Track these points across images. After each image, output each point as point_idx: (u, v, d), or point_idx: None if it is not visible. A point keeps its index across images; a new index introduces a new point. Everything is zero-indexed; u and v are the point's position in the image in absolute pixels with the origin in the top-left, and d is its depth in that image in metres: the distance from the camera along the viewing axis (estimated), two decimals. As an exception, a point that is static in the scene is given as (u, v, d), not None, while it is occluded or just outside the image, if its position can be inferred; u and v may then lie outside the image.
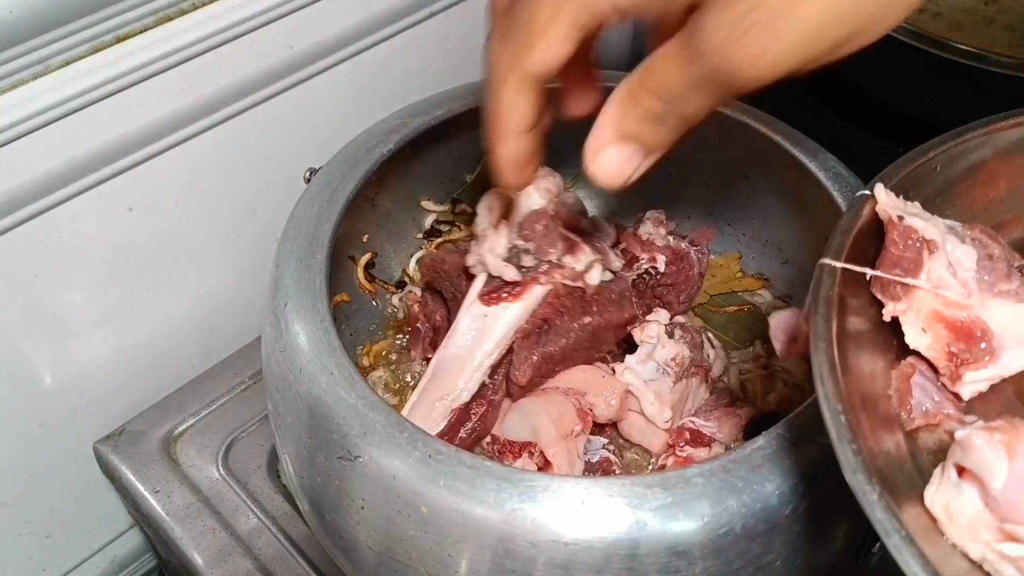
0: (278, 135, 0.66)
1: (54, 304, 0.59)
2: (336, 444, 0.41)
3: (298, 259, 0.48)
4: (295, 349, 0.45)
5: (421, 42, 0.71)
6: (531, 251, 0.53)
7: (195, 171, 0.62)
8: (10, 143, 0.51)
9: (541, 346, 0.52)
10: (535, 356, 0.52)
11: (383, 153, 0.54)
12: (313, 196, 0.52)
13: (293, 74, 0.64)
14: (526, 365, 0.52)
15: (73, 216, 0.57)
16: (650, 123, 0.35)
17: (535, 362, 0.52)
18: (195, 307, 0.68)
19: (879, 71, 0.75)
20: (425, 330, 0.58)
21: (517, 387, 0.52)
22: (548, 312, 0.53)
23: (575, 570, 0.38)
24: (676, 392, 0.52)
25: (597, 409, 0.52)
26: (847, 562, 0.43)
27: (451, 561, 0.39)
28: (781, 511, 0.38)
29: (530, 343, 0.52)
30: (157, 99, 0.57)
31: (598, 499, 0.37)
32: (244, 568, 0.58)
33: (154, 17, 0.55)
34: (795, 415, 0.40)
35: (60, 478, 0.66)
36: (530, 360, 0.52)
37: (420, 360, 0.58)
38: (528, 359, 0.52)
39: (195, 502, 0.61)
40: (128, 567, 0.75)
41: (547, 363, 0.52)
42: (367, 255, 0.61)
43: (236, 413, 0.67)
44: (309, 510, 0.47)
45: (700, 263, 0.60)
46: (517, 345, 0.52)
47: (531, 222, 0.53)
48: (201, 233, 0.65)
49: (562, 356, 0.53)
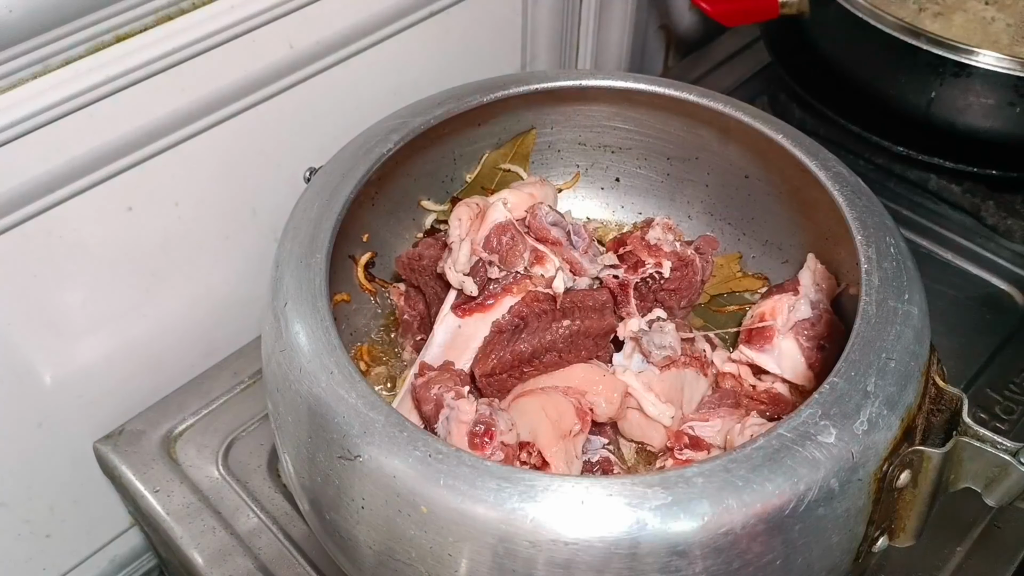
0: (278, 135, 0.66)
1: (54, 304, 0.59)
2: (336, 444, 0.41)
3: (298, 259, 0.48)
4: (295, 349, 0.45)
5: (421, 42, 0.71)
6: (496, 263, 0.53)
7: (195, 171, 0.62)
8: (10, 143, 0.51)
9: (512, 343, 0.53)
10: (503, 352, 0.52)
11: (383, 153, 0.54)
12: (313, 196, 0.52)
13: (293, 74, 0.64)
14: (492, 357, 0.52)
15: (73, 216, 0.57)
16: None
17: (502, 356, 0.52)
18: (195, 307, 0.68)
19: (879, 71, 0.75)
20: (412, 317, 0.59)
21: (482, 379, 0.53)
22: (525, 311, 0.53)
23: (575, 570, 0.38)
24: (667, 380, 0.52)
25: (597, 408, 0.52)
26: (847, 562, 0.43)
27: (451, 561, 0.39)
28: (781, 511, 0.38)
29: (502, 339, 0.53)
30: (157, 99, 0.57)
31: (598, 499, 0.37)
32: (244, 568, 0.58)
33: (154, 16, 0.55)
34: (795, 415, 0.40)
35: (60, 478, 0.66)
36: (497, 354, 0.52)
37: (411, 350, 0.59)
38: (494, 352, 0.52)
39: (195, 502, 0.61)
40: (128, 567, 0.75)
41: (516, 360, 0.53)
42: (367, 255, 0.61)
43: (236, 413, 0.67)
44: (309, 510, 0.47)
45: (704, 271, 0.60)
46: (487, 339, 0.53)
47: (497, 234, 0.54)
48: (201, 233, 0.65)
49: (532, 355, 0.53)
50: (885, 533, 0.45)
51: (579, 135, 0.66)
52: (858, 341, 0.43)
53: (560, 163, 0.68)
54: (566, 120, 0.65)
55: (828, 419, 0.40)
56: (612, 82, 0.60)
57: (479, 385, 0.53)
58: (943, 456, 0.42)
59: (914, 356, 0.44)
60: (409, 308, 0.60)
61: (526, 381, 0.54)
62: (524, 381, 0.54)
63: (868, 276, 0.46)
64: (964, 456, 0.43)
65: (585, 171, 0.68)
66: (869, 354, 0.43)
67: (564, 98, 0.63)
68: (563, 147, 0.67)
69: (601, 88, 0.60)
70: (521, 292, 0.54)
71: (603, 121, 0.64)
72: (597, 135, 0.65)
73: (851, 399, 0.41)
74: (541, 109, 0.64)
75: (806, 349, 0.53)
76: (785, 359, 0.53)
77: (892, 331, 0.44)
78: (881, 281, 0.46)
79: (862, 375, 0.42)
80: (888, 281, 0.46)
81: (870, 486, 0.41)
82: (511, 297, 0.54)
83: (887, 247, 0.48)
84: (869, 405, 0.41)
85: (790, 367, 0.53)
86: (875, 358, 0.42)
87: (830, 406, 0.41)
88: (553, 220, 0.57)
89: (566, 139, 0.66)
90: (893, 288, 0.46)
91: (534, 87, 0.60)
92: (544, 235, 0.56)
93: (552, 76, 0.61)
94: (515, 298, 0.54)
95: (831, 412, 0.40)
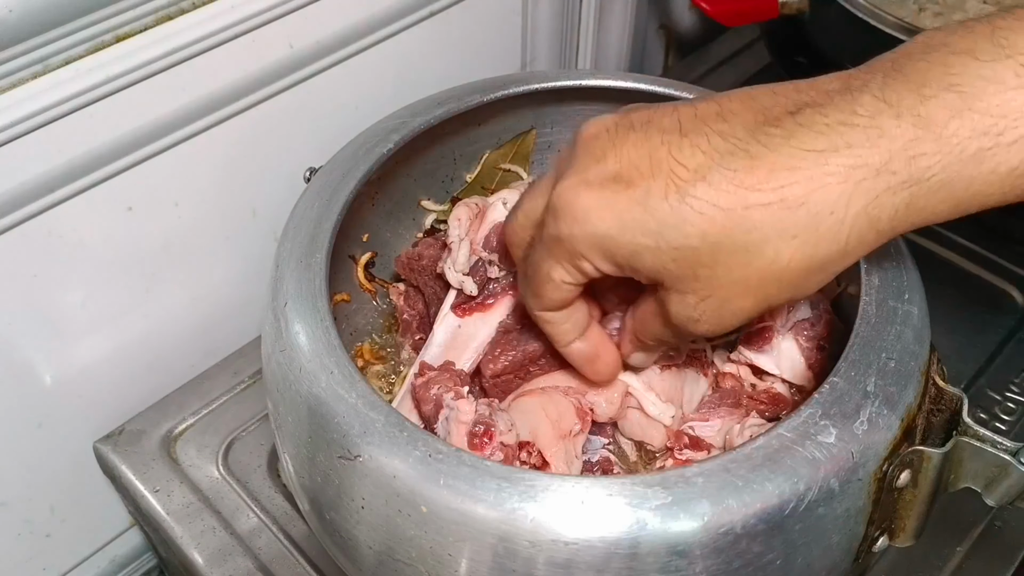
0: (278, 135, 0.66)
1: (54, 304, 0.59)
2: (336, 443, 0.41)
3: (298, 259, 0.48)
4: (295, 349, 0.45)
5: (421, 42, 0.71)
6: (496, 263, 0.53)
7: (195, 171, 0.62)
8: (10, 143, 0.51)
9: (522, 343, 0.53)
10: (514, 352, 0.52)
11: (383, 153, 0.54)
12: (313, 196, 0.52)
13: (293, 74, 0.64)
14: (503, 358, 0.52)
15: (73, 216, 0.57)
16: (651, 350, 0.49)
17: (513, 357, 0.52)
18: (195, 307, 0.68)
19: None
20: (412, 317, 0.59)
21: (491, 379, 0.53)
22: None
23: (575, 569, 0.38)
24: (667, 380, 0.52)
25: (598, 408, 0.52)
26: (847, 562, 0.43)
27: (451, 560, 0.39)
28: (781, 511, 0.38)
29: (510, 339, 0.53)
30: (157, 99, 0.57)
31: (598, 498, 0.37)
32: (244, 567, 0.58)
33: (154, 16, 0.55)
34: (795, 415, 0.40)
35: (60, 478, 0.66)
36: (506, 354, 0.52)
37: (410, 350, 0.59)
38: (504, 353, 0.52)
39: (195, 501, 0.61)
40: (128, 566, 0.75)
41: (526, 359, 0.53)
42: (367, 255, 0.61)
43: (236, 413, 0.67)
44: (309, 509, 0.47)
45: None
46: (495, 339, 0.53)
47: (497, 234, 0.54)
48: (201, 233, 0.65)
49: (542, 354, 0.53)
50: (885, 533, 0.45)
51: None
52: (858, 341, 0.43)
53: (559, 163, 0.68)
54: (566, 120, 0.65)
55: (828, 419, 0.40)
56: (612, 82, 0.60)
57: (486, 386, 0.53)
58: (943, 456, 0.42)
59: (914, 356, 0.44)
60: (409, 308, 0.60)
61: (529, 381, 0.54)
62: (528, 381, 0.54)
63: (868, 276, 0.46)
64: (964, 456, 0.43)
65: (585, 171, 0.68)
66: (869, 354, 0.43)
67: (564, 98, 0.63)
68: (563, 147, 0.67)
69: (601, 88, 0.60)
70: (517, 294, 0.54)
71: (603, 121, 0.64)
72: (597, 135, 0.65)
73: (851, 399, 0.41)
74: (541, 109, 0.64)
75: (806, 349, 0.53)
76: (784, 359, 0.53)
77: (892, 331, 0.44)
78: (881, 281, 0.46)
79: (862, 375, 0.42)
80: (888, 281, 0.46)
81: (870, 486, 0.41)
82: (511, 297, 0.54)
83: (887, 247, 0.48)
84: (869, 405, 0.41)
85: (789, 367, 0.53)
86: (875, 358, 0.42)
87: (830, 406, 0.41)
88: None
89: (566, 139, 0.66)
90: (893, 288, 0.46)
91: (534, 87, 0.60)
92: (544, 235, 0.56)
93: (552, 76, 0.61)
94: (515, 298, 0.54)
95: (831, 412, 0.40)
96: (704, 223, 0.36)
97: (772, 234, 0.36)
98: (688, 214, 0.36)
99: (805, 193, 0.35)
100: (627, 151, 0.39)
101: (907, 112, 0.34)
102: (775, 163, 0.35)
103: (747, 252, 0.36)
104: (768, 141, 0.36)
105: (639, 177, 0.38)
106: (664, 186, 0.37)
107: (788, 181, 0.35)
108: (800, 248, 0.36)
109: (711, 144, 0.37)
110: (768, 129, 0.36)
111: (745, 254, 0.36)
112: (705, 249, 0.37)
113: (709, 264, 0.37)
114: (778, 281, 0.37)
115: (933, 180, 0.35)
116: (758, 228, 0.36)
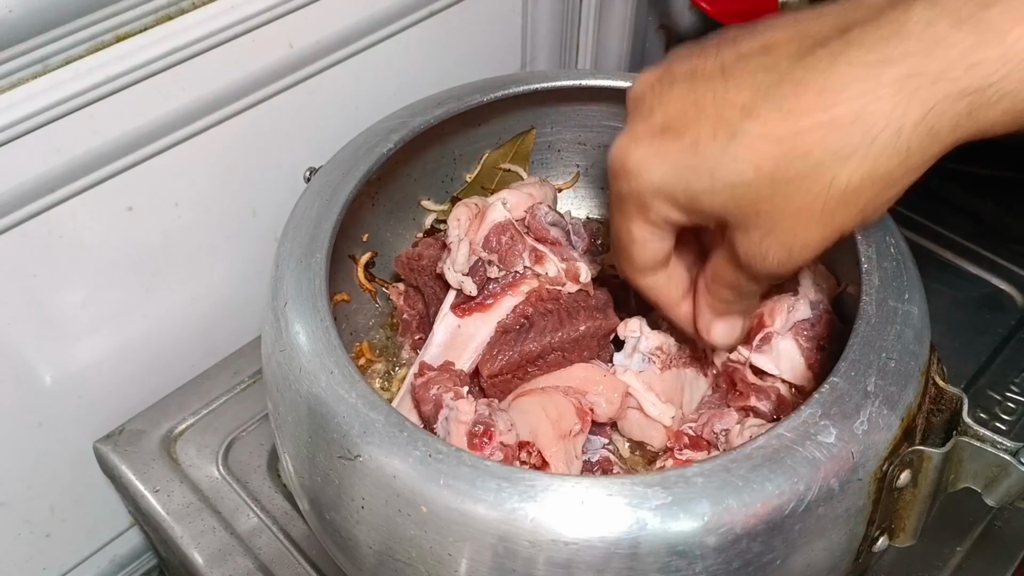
0: (278, 135, 0.66)
1: (54, 304, 0.59)
2: (336, 443, 0.41)
3: (298, 259, 0.48)
4: (295, 349, 0.45)
5: (421, 42, 0.71)
6: (495, 263, 0.53)
7: (195, 171, 0.62)
8: (10, 143, 0.51)
9: (520, 344, 0.53)
10: (511, 352, 0.52)
11: (383, 153, 0.54)
12: (313, 196, 0.52)
13: (293, 74, 0.64)
14: (500, 358, 0.52)
15: (73, 216, 0.57)
16: (731, 304, 0.46)
17: (510, 357, 0.52)
18: (195, 307, 0.68)
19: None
20: (411, 317, 0.59)
21: (488, 379, 0.53)
22: (530, 311, 0.53)
23: (575, 569, 0.38)
24: (667, 380, 0.52)
25: (598, 408, 0.52)
26: (847, 562, 0.43)
27: (451, 560, 0.39)
28: (781, 511, 0.38)
29: (508, 339, 0.53)
30: (157, 99, 0.57)
31: (598, 498, 0.37)
32: (244, 567, 0.58)
33: (154, 16, 0.55)
34: (795, 415, 0.40)
35: (60, 478, 0.66)
36: (504, 354, 0.52)
37: (410, 350, 0.59)
38: (502, 354, 0.52)
39: (195, 501, 0.61)
40: (128, 566, 0.75)
41: (523, 360, 0.53)
42: (367, 255, 0.61)
43: (236, 413, 0.67)
44: (309, 509, 0.47)
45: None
46: (493, 339, 0.53)
47: (496, 234, 0.54)
48: (201, 233, 0.65)
49: (539, 355, 0.53)
50: (885, 533, 0.45)
51: (579, 135, 0.66)
52: (858, 341, 0.43)
53: (560, 163, 0.68)
54: (566, 120, 0.65)
55: (828, 419, 0.40)
56: (612, 82, 0.60)
57: (484, 386, 0.53)
58: (943, 456, 0.42)
59: (914, 356, 0.44)
60: (408, 308, 0.60)
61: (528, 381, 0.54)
62: (527, 381, 0.54)
63: (868, 276, 0.46)
64: (964, 456, 0.43)
65: (585, 171, 0.68)
66: (869, 354, 0.43)
67: (564, 98, 0.63)
68: (563, 147, 0.67)
69: (601, 88, 0.60)
70: (530, 287, 0.53)
71: (603, 121, 0.64)
72: (597, 135, 0.65)
73: (851, 399, 0.41)
74: (541, 109, 0.64)
75: (805, 349, 0.53)
76: (784, 360, 0.53)
77: (892, 331, 0.44)
78: (881, 281, 0.46)
79: (862, 375, 0.42)
80: (888, 281, 0.46)
81: (870, 486, 0.41)
82: (511, 297, 0.54)
83: (887, 247, 0.48)
84: (869, 405, 0.41)
85: (789, 367, 0.53)
86: (875, 358, 0.42)
87: (830, 406, 0.41)
88: (552, 220, 0.57)
89: (566, 139, 0.66)
90: (893, 288, 0.46)
91: (534, 87, 0.60)
92: (543, 235, 0.56)
93: (552, 76, 0.61)
94: (515, 298, 0.54)
95: (831, 412, 0.40)
96: (756, 157, 0.36)
97: (826, 157, 0.35)
98: (739, 151, 0.36)
99: (857, 109, 0.34)
100: (673, 104, 0.39)
101: (968, 19, 0.32)
102: (824, 84, 0.34)
103: (804, 179, 0.35)
104: (815, 64, 0.35)
105: (687, 125, 0.38)
106: (713, 129, 0.37)
107: (838, 100, 0.34)
108: (858, 168, 0.35)
109: (756, 80, 0.36)
110: (815, 51, 0.35)
111: (802, 181, 0.35)
112: (762, 183, 0.36)
113: (768, 197, 0.36)
114: (844, 205, 0.36)
115: (993, 89, 0.33)
116: (811, 153, 0.35)
